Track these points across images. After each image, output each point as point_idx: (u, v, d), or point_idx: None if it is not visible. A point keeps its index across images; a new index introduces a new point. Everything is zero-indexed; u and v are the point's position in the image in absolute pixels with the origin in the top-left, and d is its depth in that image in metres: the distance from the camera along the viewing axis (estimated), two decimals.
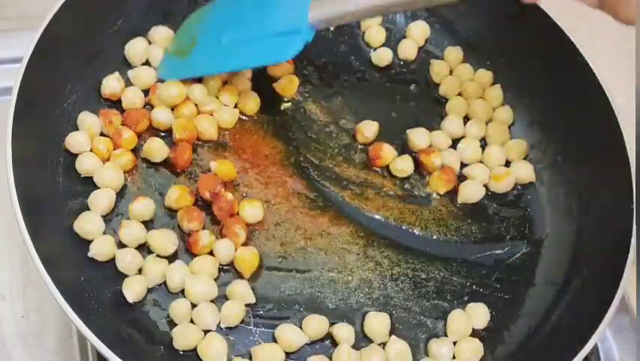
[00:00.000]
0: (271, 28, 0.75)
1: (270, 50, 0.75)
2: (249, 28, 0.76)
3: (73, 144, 0.72)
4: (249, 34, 0.76)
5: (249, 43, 0.76)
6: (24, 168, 0.65)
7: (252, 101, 0.80)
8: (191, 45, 0.79)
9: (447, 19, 0.88)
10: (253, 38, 0.76)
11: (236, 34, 0.77)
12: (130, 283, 0.67)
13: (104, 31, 0.79)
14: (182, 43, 0.80)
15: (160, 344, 0.66)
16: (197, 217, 0.71)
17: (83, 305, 0.63)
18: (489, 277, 0.74)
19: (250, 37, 0.76)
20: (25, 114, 0.67)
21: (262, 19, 0.76)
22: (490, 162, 0.80)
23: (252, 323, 0.69)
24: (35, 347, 0.74)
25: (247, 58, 0.76)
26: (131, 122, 0.75)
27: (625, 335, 0.79)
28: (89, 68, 0.77)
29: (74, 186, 0.72)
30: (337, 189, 0.77)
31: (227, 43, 0.77)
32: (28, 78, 0.68)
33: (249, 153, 0.78)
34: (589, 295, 0.70)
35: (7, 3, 0.94)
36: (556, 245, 0.76)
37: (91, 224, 0.69)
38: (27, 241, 0.62)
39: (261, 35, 0.75)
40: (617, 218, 0.71)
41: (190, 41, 0.79)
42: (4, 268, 0.77)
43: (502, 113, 0.83)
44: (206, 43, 0.78)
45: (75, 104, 0.75)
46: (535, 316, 0.72)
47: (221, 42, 0.77)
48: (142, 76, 0.78)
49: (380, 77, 0.85)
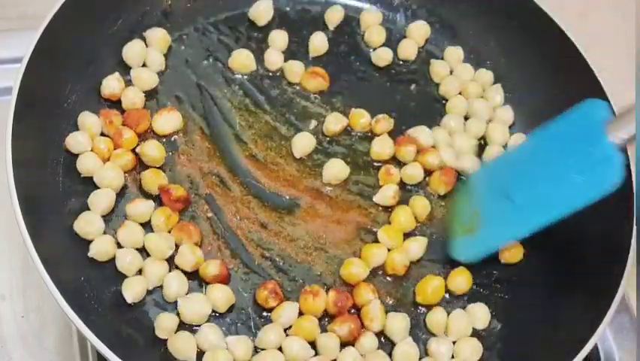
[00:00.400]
0: (569, 167, 0.66)
1: (579, 189, 0.66)
2: (545, 176, 0.68)
3: (73, 144, 0.72)
4: (545, 183, 0.68)
5: (548, 190, 0.68)
6: (24, 168, 0.65)
7: None
8: (476, 216, 0.74)
9: (447, 19, 0.88)
10: (550, 184, 0.68)
11: (531, 189, 0.69)
12: (130, 283, 0.67)
13: (103, 32, 0.79)
14: (465, 220, 0.75)
15: (160, 344, 0.66)
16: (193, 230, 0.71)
17: (83, 305, 0.63)
18: (489, 277, 0.74)
19: (547, 185, 0.68)
20: (25, 114, 0.67)
21: (557, 160, 0.68)
22: None
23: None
24: (35, 347, 0.74)
25: (554, 207, 0.67)
26: (131, 122, 0.75)
27: (625, 335, 0.79)
28: (89, 68, 0.77)
29: (74, 186, 0.72)
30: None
31: (523, 201, 0.70)
32: (28, 78, 0.68)
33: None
34: (589, 295, 0.70)
35: (7, 3, 0.94)
36: (555, 245, 0.76)
37: (91, 224, 0.69)
38: (27, 241, 0.62)
39: (558, 177, 0.67)
40: (617, 218, 0.71)
41: (471, 214, 0.74)
42: (4, 268, 0.77)
43: (503, 113, 0.83)
44: (494, 209, 0.73)
45: (75, 104, 0.75)
46: (535, 316, 0.72)
47: (514, 202, 0.70)
48: (142, 77, 0.78)
49: (380, 77, 0.85)
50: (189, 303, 0.67)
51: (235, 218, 0.74)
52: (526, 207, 0.70)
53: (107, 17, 0.79)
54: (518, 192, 0.70)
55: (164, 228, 0.70)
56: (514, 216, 0.71)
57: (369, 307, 0.69)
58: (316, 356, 0.67)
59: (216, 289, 0.68)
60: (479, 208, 0.74)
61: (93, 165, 0.72)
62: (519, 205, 0.70)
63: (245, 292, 0.70)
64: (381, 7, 0.89)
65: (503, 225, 0.72)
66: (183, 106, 0.79)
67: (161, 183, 0.72)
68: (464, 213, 0.76)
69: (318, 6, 0.88)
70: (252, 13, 0.85)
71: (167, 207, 0.71)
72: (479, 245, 0.73)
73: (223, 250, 0.72)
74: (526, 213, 0.70)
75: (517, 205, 0.70)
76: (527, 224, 0.70)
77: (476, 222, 0.73)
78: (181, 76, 0.81)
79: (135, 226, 0.70)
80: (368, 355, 0.67)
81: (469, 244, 0.74)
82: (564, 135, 0.69)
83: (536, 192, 0.69)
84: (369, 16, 0.87)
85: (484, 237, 0.73)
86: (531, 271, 0.75)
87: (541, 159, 0.70)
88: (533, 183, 0.70)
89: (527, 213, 0.70)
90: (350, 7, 0.88)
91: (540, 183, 0.69)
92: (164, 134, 0.76)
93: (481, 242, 0.73)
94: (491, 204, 0.73)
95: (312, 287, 0.69)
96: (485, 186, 0.75)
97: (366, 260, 0.72)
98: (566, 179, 0.66)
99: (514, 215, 0.71)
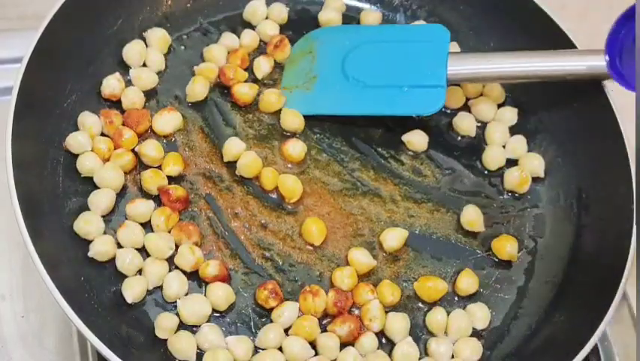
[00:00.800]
0: (409, 80, 0.76)
1: (410, 101, 0.76)
2: (384, 75, 0.77)
3: (73, 144, 0.72)
4: (382, 80, 0.77)
5: (383, 89, 0.77)
6: (24, 168, 0.66)
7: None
8: (313, 77, 0.80)
9: (447, 19, 0.87)
10: (387, 85, 0.77)
11: (368, 78, 0.78)
12: (129, 283, 0.67)
13: (103, 32, 0.79)
14: (301, 78, 0.80)
15: (160, 344, 0.66)
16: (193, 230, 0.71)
17: (83, 305, 0.63)
18: (489, 277, 0.74)
19: (384, 84, 0.77)
20: (25, 114, 0.68)
21: (399, 68, 0.77)
22: (489, 162, 0.80)
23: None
24: (35, 347, 0.74)
25: (384, 105, 0.77)
26: (131, 122, 0.75)
27: (625, 335, 0.79)
28: (89, 68, 0.77)
29: (74, 186, 0.72)
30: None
31: (357, 85, 0.78)
32: (28, 78, 0.69)
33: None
34: (589, 296, 0.70)
35: (7, 3, 0.94)
36: (556, 245, 0.76)
37: (91, 224, 0.69)
38: (27, 241, 0.62)
39: (397, 84, 0.77)
40: (617, 218, 0.71)
41: (309, 74, 0.80)
42: (4, 268, 0.77)
43: (505, 113, 0.83)
44: (330, 79, 0.79)
45: (75, 104, 0.75)
46: (535, 316, 0.72)
47: (348, 79, 0.78)
48: (142, 77, 0.78)
49: None
50: (189, 303, 0.67)
51: (235, 218, 0.74)
52: (357, 93, 0.77)
53: (107, 17, 0.79)
54: (355, 73, 0.78)
55: (164, 228, 0.70)
56: (345, 92, 0.78)
57: (369, 307, 0.69)
58: (316, 356, 0.67)
59: (216, 288, 0.68)
60: (318, 73, 0.80)
61: (93, 165, 0.72)
62: (351, 86, 0.77)
63: (245, 292, 0.70)
64: (381, 7, 0.89)
65: (335, 96, 0.78)
66: (183, 106, 0.79)
67: (160, 184, 0.72)
68: (302, 71, 0.81)
69: (318, 6, 0.87)
70: (246, 13, 0.85)
71: (167, 207, 0.71)
72: (311, 105, 0.79)
73: (223, 250, 0.72)
74: (356, 97, 0.77)
75: (350, 85, 0.77)
76: (355, 107, 0.78)
77: (312, 83, 0.79)
78: (181, 76, 0.81)
79: (135, 226, 0.70)
80: (368, 355, 0.67)
81: (303, 100, 0.79)
82: (412, 44, 0.78)
83: (369, 84, 0.77)
84: (369, 16, 0.87)
85: (317, 99, 0.79)
86: (531, 271, 0.75)
87: (385, 55, 0.78)
88: (369, 74, 0.77)
89: (357, 97, 0.77)
90: (350, 7, 0.88)
91: (375, 77, 0.77)
92: (164, 134, 0.76)
93: (313, 102, 0.79)
94: (329, 72, 0.79)
95: (312, 287, 0.69)
96: (327, 52, 0.81)
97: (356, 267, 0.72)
98: (397, 86, 0.76)
99: (346, 92, 0.78)
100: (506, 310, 0.73)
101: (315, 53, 0.81)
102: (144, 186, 0.73)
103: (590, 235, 0.75)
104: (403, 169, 0.79)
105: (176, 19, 0.83)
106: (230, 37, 0.83)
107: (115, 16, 0.79)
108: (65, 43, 0.74)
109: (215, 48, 0.81)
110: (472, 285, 0.72)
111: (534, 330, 0.71)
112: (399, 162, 0.79)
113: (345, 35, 0.82)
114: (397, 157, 0.79)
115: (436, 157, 0.80)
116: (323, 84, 0.79)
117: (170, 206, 0.71)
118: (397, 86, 0.77)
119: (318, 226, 0.73)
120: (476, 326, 0.71)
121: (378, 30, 0.83)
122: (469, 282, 0.72)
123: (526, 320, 0.72)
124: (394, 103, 0.77)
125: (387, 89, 0.77)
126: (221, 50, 0.81)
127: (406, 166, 0.79)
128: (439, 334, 0.70)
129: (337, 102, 0.79)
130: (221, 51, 0.81)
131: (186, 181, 0.75)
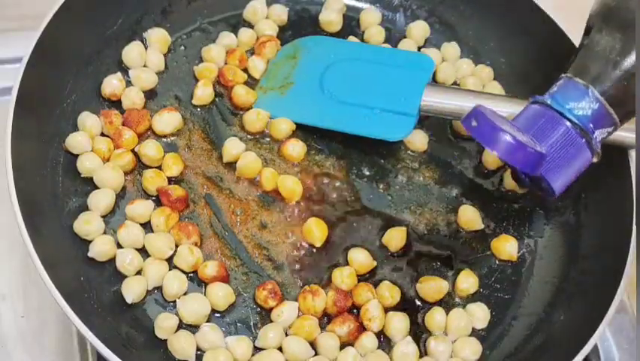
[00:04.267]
0: (382, 103, 0.76)
1: (379, 124, 0.76)
2: (359, 93, 0.77)
3: (73, 144, 0.72)
4: (356, 98, 0.77)
5: (355, 107, 0.77)
6: (24, 168, 0.66)
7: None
8: (290, 83, 0.80)
9: (447, 20, 0.88)
10: (360, 105, 0.77)
11: (342, 94, 0.78)
12: (129, 284, 0.67)
13: (103, 32, 0.79)
14: (278, 81, 0.80)
15: (160, 344, 0.66)
16: (193, 230, 0.71)
17: (83, 305, 0.63)
18: (489, 277, 0.74)
19: (356, 103, 0.77)
20: (24, 114, 0.67)
21: (376, 89, 0.77)
22: (489, 162, 0.80)
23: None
24: (35, 347, 0.74)
25: (352, 123, 0.76)
26: (131, 122, 0.75)
27: (625, 335, 0.79)
28: (89, 68, 0.77)
29: (74, 186, 0.72)
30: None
31: (330, 98, 0.78)
32: (28, 78, 0.68)
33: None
34: (589, 295, 0.70)
35: (7, 3, 0.94)
36: (555, 245, 0.76)
37: (91, 224, 0.69)
38: (27, 241, 0.62)
39: (369, 105, 0.77)
40: (617, 218, 0.71)
41: (287, 79, 0.80)
42: (4, 268, 0.77)
43: None
44: (306, 88, 0.79)
45: (75, 104, 0.75)
46: (534, 316, 0.72)
47: (323, 92, 0.78)
48: (142, 77, 0.78)
49: None
50: (189, 303, 0.67)
51: (235, 218, 0.74)
52: (329, 106, 0.77)
53: (107, 17, 0.79)
54: (331, 87, 0.78)
55: (164, 228, 0.70)
56: (317, 104, 0.78)
57: (369, 307, 0.69)
58: (316, 356, 0.67)
59: (216, 288, 0.68)
60: (295, 80, 0.79)
61: (93, 165, 0.72)
62: (325, 99, 0.77)
63: (245, 292, 0.70)
64: (381, 7, 0.89)
65: (306, 105, 0.78)
66: (183, 106, 0.79)
67: (160, 184, 0.72)
68: (281, 75, 0.80)
69: (318, 6, 0.87)
70: (246, 13, 0.85)
71: (167, 208, 0.71)
72: (281, 109, 0.78)
73: (223, 250, 0.72)
74: (327, 110, 0.77)
75: (324, 97, 0.78)
76: (323, 119, 0.77)
77: (287, 88, 0.79)
78: (181, 76, 0.81)
79: (135, 226, 0.70)
80: (368, 355, 0.67)
81: (275, 102, 0.79)
82: (395, 69, 0.78)
83: (342, 100, 0.77)
84: (369, 16, 0.87)
85: (289, 105, 0.78)
86: (531, 271, 0.75)
87: (365, 75, 0.78)
88: (345, 90, 0.78)
89: (327, 110, 0.77)
90: (350, 7, 0.88)
91: (349, 94, 0.77)
92: (163, 134, 0.76)
93: (283, 107, 0.78)
94: (306, 81, 0.79)
95: (312, 287, 0.69)
96: (310, 61, 0.81)
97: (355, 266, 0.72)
98: (370, 107, 0.76)
99: (318, 104, 0.78)
100: (506, 310, 0.73)
101: (298, 59, 0.81)
102: (144, 186, 0.73)
103: (590, 235, 0.75)
104: (402, 169, 0.79)
105: (175, 19, 0.83)
106: (228, 37, 0.83)
107: (115, 16, 0.79)
108: (65, 44, 0.74)
109: (214, 48, 0.81)
110: (472, 285, 0.72)
111: (534, 330, 0.71)
112: (399, 162, 0.79)
113: (332, 48, 0.82)
114: (397, 157, 0.80)
115: (435, 157, 0.80)
116: (298, 91, 0.79)
117: (170, 206, 0.71)
118: (369, 107, 0.76)
119: (318, 226, 0.73)
120: (476, 326, 0.71)
121: (366, 49, 0.82)
122: (469, 282, 0.72)
123: (526, 320, 0.72)
124: (362, 123, 0.76)
125: (359, 108, 0.77)
126: (220, 50, 0.81)
127: (406, 166, 0.79)
128: (439, 333, 0.70)
129: (307, 112, 0.78)
130: (220, 51, 0.81)
131: (186, 181, 0.75)
